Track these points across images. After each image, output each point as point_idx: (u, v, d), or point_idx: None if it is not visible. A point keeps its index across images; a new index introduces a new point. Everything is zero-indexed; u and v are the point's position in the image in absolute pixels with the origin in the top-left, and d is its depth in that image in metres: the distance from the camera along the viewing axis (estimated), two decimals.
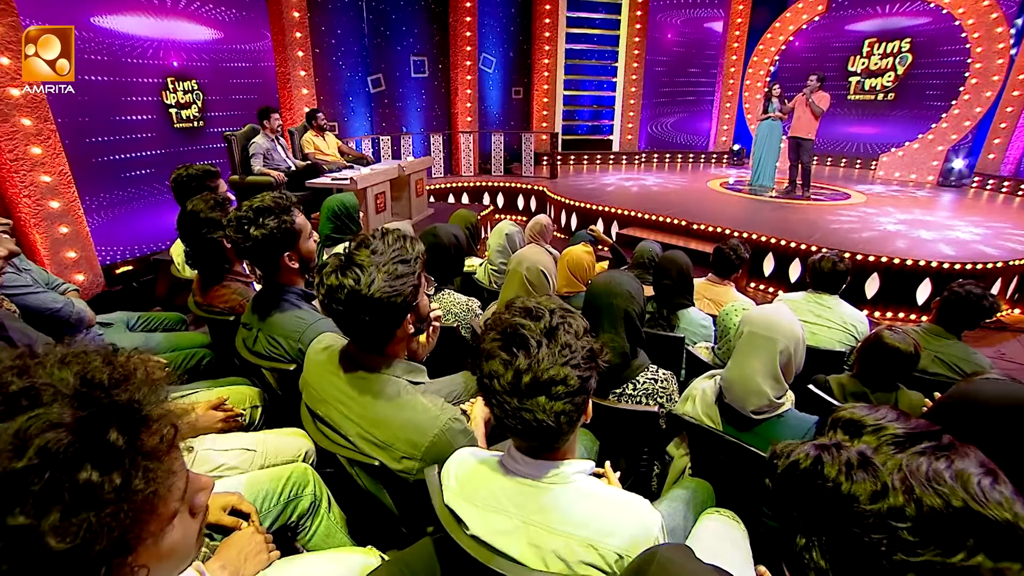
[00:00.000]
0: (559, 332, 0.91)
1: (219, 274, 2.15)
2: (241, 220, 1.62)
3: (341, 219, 2.95)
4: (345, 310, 1.14)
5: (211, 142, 5.99)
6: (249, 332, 1.75)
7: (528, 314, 0.93)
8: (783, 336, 1.47)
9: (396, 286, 1.15)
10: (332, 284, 1.14)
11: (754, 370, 1.47)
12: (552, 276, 2.00)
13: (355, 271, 1.13)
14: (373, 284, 1.12)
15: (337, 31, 7.60)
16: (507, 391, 0.87)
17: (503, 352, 0.89)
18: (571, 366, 0.88)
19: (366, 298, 1.12)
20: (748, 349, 1.50)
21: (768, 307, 1.55)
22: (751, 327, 1.50)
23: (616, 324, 1.69)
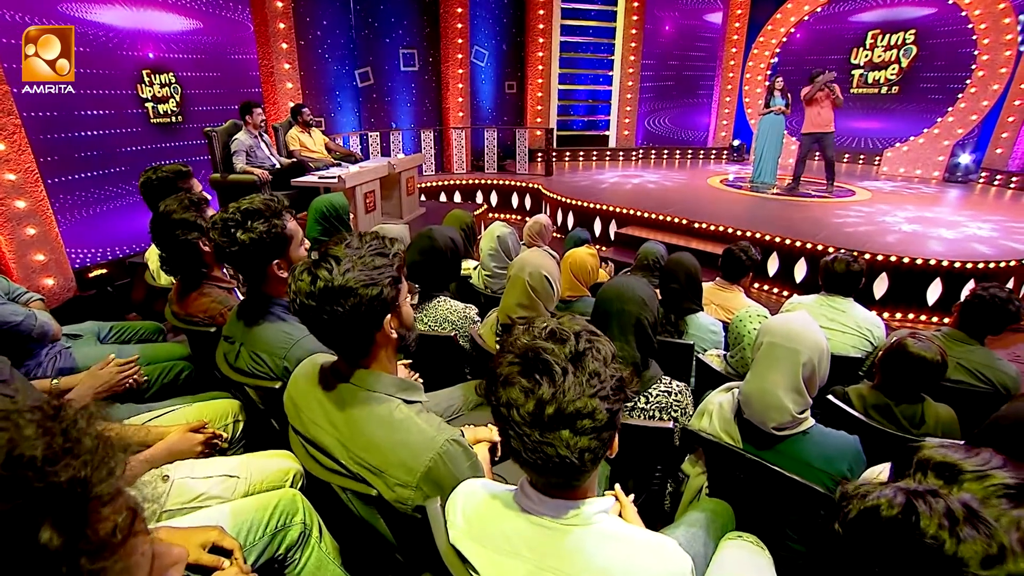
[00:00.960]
0: (587, 358, 0.80)
1: (196, 280, 1.98)
2: (227, 222, 1.47)
3: (330, 221, 2.74)
4: (318, 307, 1.02)
5: (191, 138, 5.72)
6: (231, 346, 1.60)
7: (552, 336, 0.82)
8: (806, 347, 1.31)
9: (373, 276, 1.04)
10: (304, 280, 1.04)
11: (775, 384, 1.31)
12: (556, 281, 1.80)
13: (329, 262, 1.04)
14: (348, 274, 1.02)
15: (323, 22, 7.33)
16: (527, 422, 0.77)
17: (523, 378, 0.79)
18: (600, 397, 0.78)
19: (340, 288, 1.01)
20: (768, 361, 1.33)
21: (788, 316, 1.37)
22: (770, 338, 1.34)
23: (627, 332, 1.51)
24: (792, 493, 1.25)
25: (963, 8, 8.23)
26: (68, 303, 4.29)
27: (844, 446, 1.29)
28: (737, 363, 1.91)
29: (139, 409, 1.69)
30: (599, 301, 1.54)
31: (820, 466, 1.24)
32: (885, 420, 1.62)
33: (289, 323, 1.53)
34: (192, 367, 2.13)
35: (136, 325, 2.51)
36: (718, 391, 1.50)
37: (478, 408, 1.83)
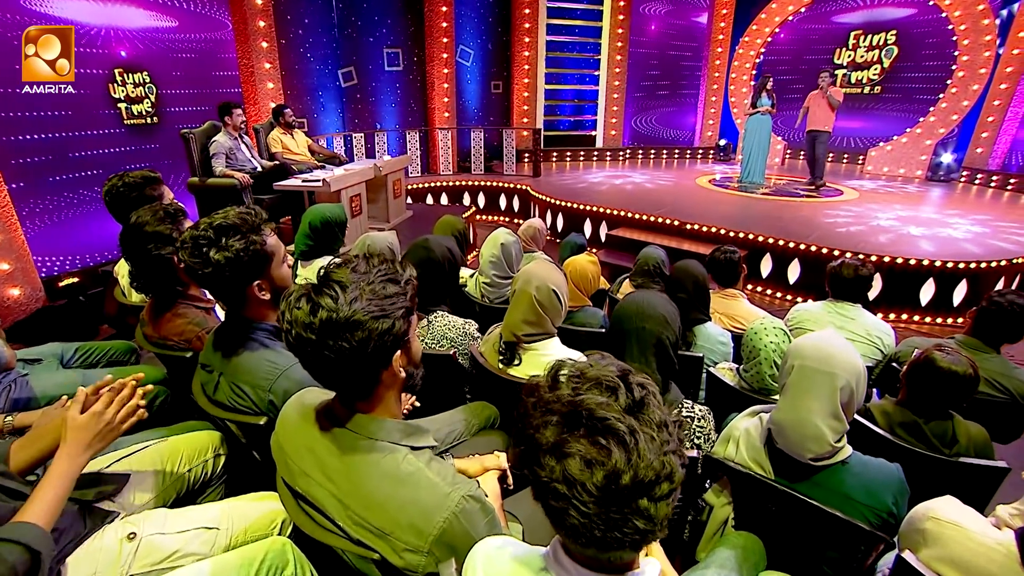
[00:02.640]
0: (648, 408, 0.69)
1: (171, 299, 1.79)
2: (198, 240, 1.30)
3: (322, 236, 2.57)
4: (319, 342, 0.87)
5: (167, 140, 5.50)
6: (209, 376, 1.44)
7: (598, 386, 0.69)
8: (843, 370, 1.21)
9: (384, 306, 0.90)
10: (303, 310, 0.88)
11: (811, 411, 1.21)
12: (564, 295, 1.68)
13: (332, 289, 0.89)
14: (355, 303, 0.87)
15: (304, 20, 7.12)
16: (596, 499, 0.64)
17: (582, 445, 0.65)
18: (674, 453, 0.67)
19: (346, 322, 0.86)
20: (802, 387, 1.23)
21: (820, 336, 1.27)
22: (803, 360, 1.24)
23: (646, 352, 1.41)
24: (830, 528, 1.15)
25: (943, 9, 8.33)
26: (36, 314, 4.06)
27: (887, 476, 1.19)
28: (752, 378, 1.82)
29: None
30: (617, 318, 1.43)
31: (862, 499, 1.15)
32: (914, 439, 1.54)
33: (274, 350, 1.38)
34: (168, 392, 1.93)
35: (105, 346, 2.29)
36: (743, 416, 1.40)
37: (482, 433, 1.71)
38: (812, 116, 7.10)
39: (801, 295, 5.14)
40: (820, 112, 6.98)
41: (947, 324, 4.72)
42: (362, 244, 2.25)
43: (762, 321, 1.83)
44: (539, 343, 1.68)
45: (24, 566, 0.91)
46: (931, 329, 4.64)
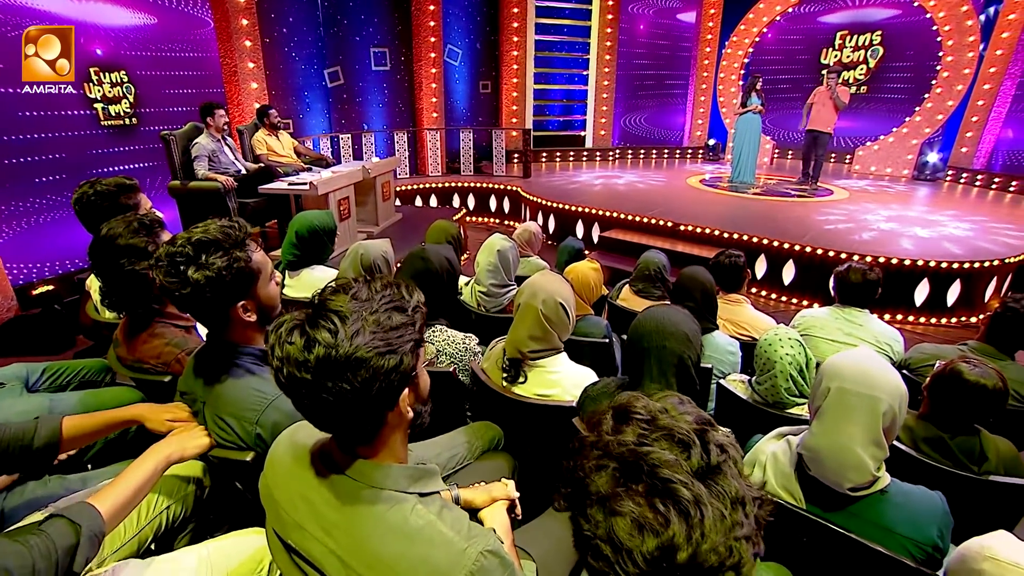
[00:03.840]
0: (725, 475, 0.59)
1: (147, 317, 1.65)
2: (175, 258, 1.17)
3: (309, 245, 2.44)
4: (315, 382, 0.75)
5: (146, 142, 5.32)
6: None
7: (669, 437, 0.60)
8: (887, 393, 1.12)
9: (391, 340, 0.78)
10: (295, 345, 0.76)
11: (851, 438, 1.12)
12: (572, 308, 1.60)
13: (330, 321, 0.76)
14: (357, 338, 0.75)
15: (289, 19, 6.96)
16: (643, 570, 0.55)
17: (635, 504, 0.56)
18: (746, 539, 0.57)
19: (347, 360, 0.74)
20: (841, 411, 1.14)
21: (858, 356, 1.19)
22: (841, 383, 1.15)
23: (667, 372, 1.32)
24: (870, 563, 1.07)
25: (928, 10, 8.40)
26: (8, 324, 3.88)
27: (931, 507, 1.11)
28: (766, 391, 1.75)
29: (69, 484, 1.37)
30: (636, 335, 1.33)
31: (905, 532, 1.07)
32: (940, 455, 1.48)
33: (260, 377, 1.26)
34: None
35: (76, 365, 2.10)
36: (769, 438, 1.31)
37: (485, 456, 1.61)
38: (816, 116, 7.03)
39: (796, 296, 5.12)
40: (824, 112, 6.94)
41: (941, 324, 4.73)
42: (354, 253, 2.14)
43: (776, 332, 1.76)
44: (546, 360, 1.59)
45: (66, 540, 0.90)
46: (925, 330, 4.64)
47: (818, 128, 7.06)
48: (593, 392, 1.44)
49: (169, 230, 1.67)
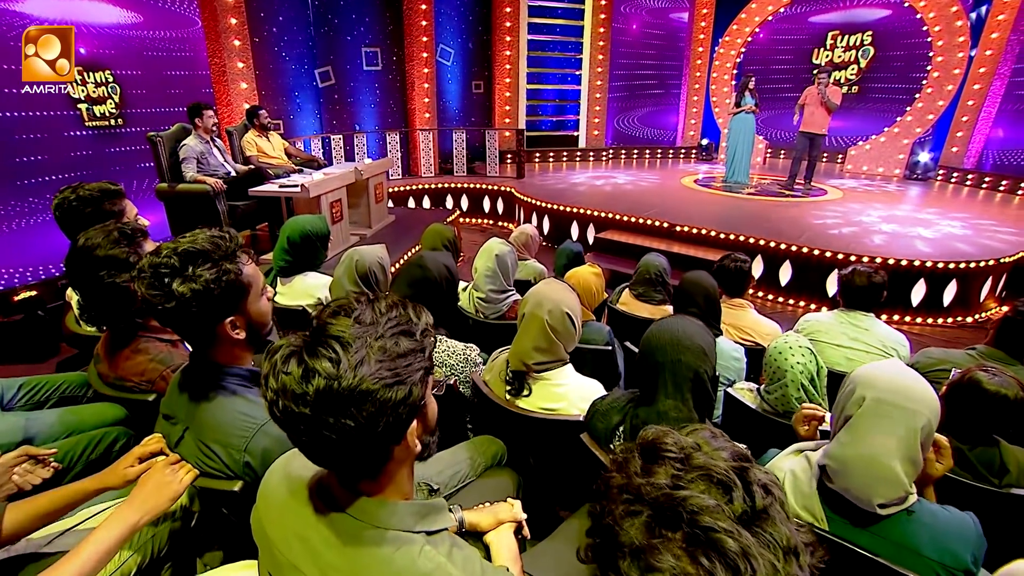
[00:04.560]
0: (773, 520, 0.53)
1: (129, 332, 1.55)
2: (159, 269, 1.08)
3: (302, 251, 2.36)
4: (315, 418, 0.67)
5: (133, 144, 5.20)
6: (172, 428, 1.21)
7: (706, 477, 0.54)
8: (925, 407, 1.07)
9: (399, 369, 0.70)
10: (292, 375, 0.67)
11: (886, 450, 1.06)
12: (578, 318, 1.54)
13: (331, 348, 0.68)
14: (362, 368, 0.67)
15: (279, 18, 6.85)
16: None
17: (674, 554, 0.50)
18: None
19: (350, 393, 0.66)
20: (876, 422, 1.08)
21: (893, 367, 1.14)
22: (877, 393, 1.09)
23: (682, 387, 1.26)
24: None
25: (918, 11, 8.44)
26: None
27: (962, 528, 1.06)
28: (776, 400, 1.70)
29: None
30: (648, 349, 1.27)
31: (934, 555, 1.02)
32: (958, 467, 1.44)
33: (248, 399, 1.18)
34: (130, 434, 1.66)
35: (56, 379, 1.96)
36: (786, 454, 1.26)
37: (489, 472, 1.55)
38: (809, 117, 6.94)
39: (793, 297, 5.10)
40: (817, 113, 6.86)
41: (937, 325, 4.73)
42: (349, 260, 2.07)
43: (786, 340, 1.71)
44: (551, 372, 1.53)
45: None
46: (922, 330, 4.64)
47: (812, 131, 6.98)
48: (602, 407, 1.38)
49: (156, 234, 1.58)
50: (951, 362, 2.09)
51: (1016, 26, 7.70)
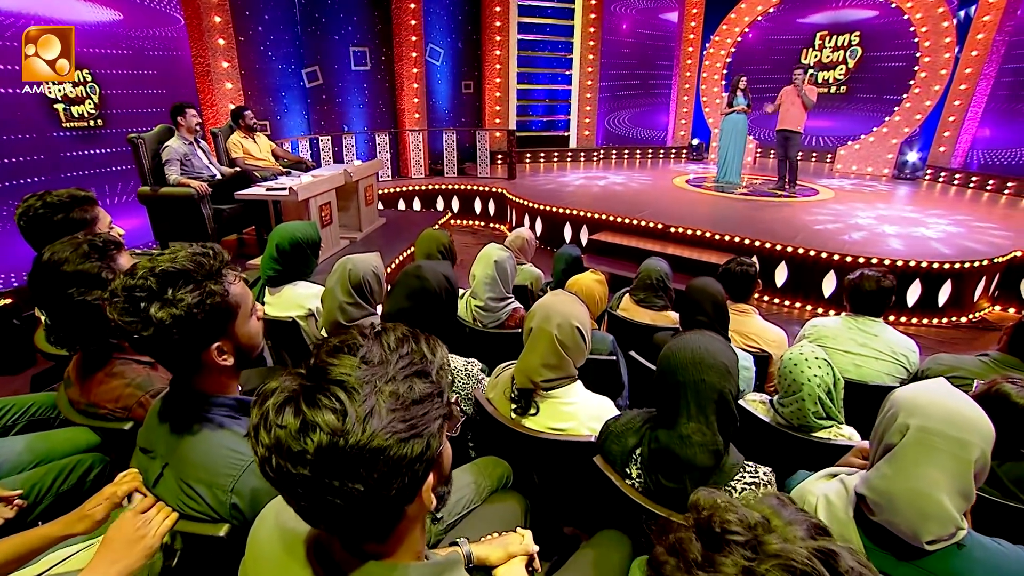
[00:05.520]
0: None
1: (103, 354, 1.41)
2: (134, 293, 0.95)
3: (291, 260, 2.24)
4: (316, 480, 0.56)
5: (113, 145, 5.05)
6: (150, 463, 1.08)
7: (785, 568, 0.46)
8: (979, 438, 0.98)
9: (415, 420, 0.60)
10: (287, 428, 0.57)
11: (935, 485, 0.97)
12: (588, 332, 1.45)
13: (334, 396, 0.57)
14: (372, 420, 0.57)
15: (264, 16, 6.70)
16: None
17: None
18: None
19: (359, 452, 0.56)
20: (923, 454, 0.99)
21: (941, 390, 1.05)
22: (925, 421, 0.99)
23: (706, 409, 1.18)
24: None
25: (905, 11, 8.49)
26: None
27: (1017, 565, 0.98)
28: (792, 414, 1.63)
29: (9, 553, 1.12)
30: (668, 367, 1.19)
31: None
32: (986, 484, 1.38)
33: (235, 432, 1.06)
34: (108, 460, 1.51)
35: (24, 401, 1.79)
36: (818, 478, 1.19)
37: (494, 496, 1.45)
38: (784, 114, 6.95)
39: (789, 298, 5.08)
40: (793, 110, 6.87)
41: (932, 325, 4.72)
42: (342, 269, 1.97)
43: (801, 351, 1.64)
44: (560, 389, 1.45)
45: None
46: (917, 330, 4.63)
47: (788, 127, 6.97)
48: (616, 428, 1.30)
49: (139, 238, 1.45)
50: (963, 369, 2.04)
51: (1001, 27, 7.77)
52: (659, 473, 1.17)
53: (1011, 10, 7.68)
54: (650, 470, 1.20)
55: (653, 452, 1.19)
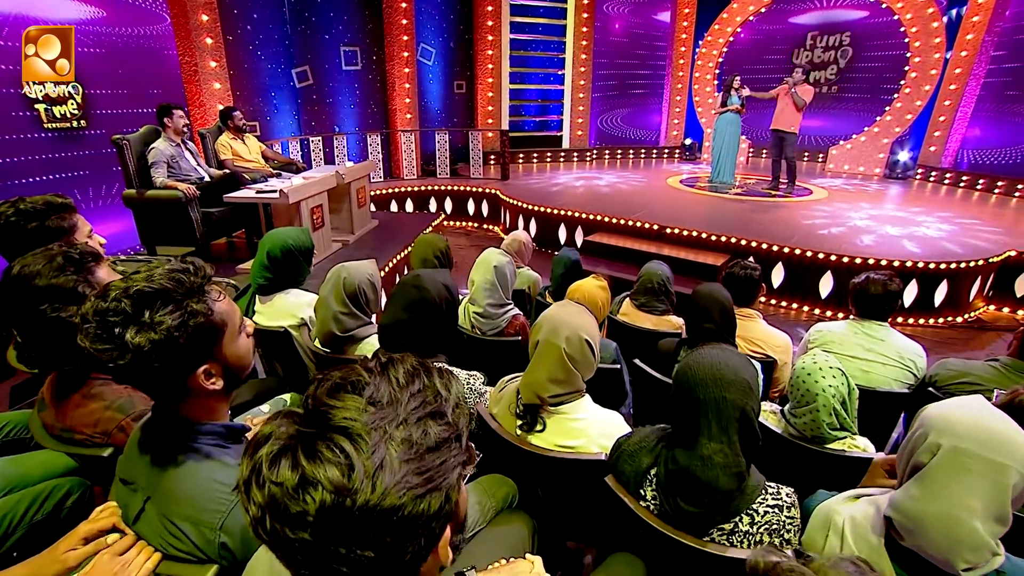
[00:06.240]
0: None
1: (80, 375, 1.30)
2: (107, 317, 0.85)
3: (283, 268, 2.15)
4: (318, 545, 0.49)
5: (97, 147, 4.92)
6: (131, 496, 0.98)
7: None
8: (1017, 461, 0.91)
9: (431, 471, 0.52)
10: (283, 485, 0.48)
11: (969, 510, 0.92)
12: (597, 344, 1.39)
13: (337, 449, 0.49)
14: (383, 474, 0.49)
15: (253, 15, 6.58)
16: None
17: None
18: None
19: (368, 514, 0.48)
20: (956, 476, 0.93)
21: (975, 408, 0.98)
22: (958, 442, 0.93)
23: (728, 429, 1.11)
24: None
25: (895, 12, 8.52)
26: None
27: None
28: (805, 425, 1.58)
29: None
30: (688, 384, 1.12)
31: None
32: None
33: (224, 463, 0.97)
34: (87, 485, 1.40)
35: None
36: (842, 499, 1.13)
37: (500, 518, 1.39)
38: (779, 114, 6.92)
39: (785, 299, 5.05)
40: (787, 110, 6.84)
41: (928, 325, 4.72)
42: (336, 277, 1.89)
43: (815, 360, 1.59)
44: (568, 405, 1.39)
45: None
46: (913, 331, 4.62)
47: (781, 128, 6.94)
48: (629, 447, 1.24)
49: (125, 242, 1.34)
50: (974, 375, 2.01)
51: (990, 27, 7.83)
52: (677, 496, 1.12)
53: (999, 11, 7.74)
54: (667, 492, 1.14)
55: (671, 473, 1.13)
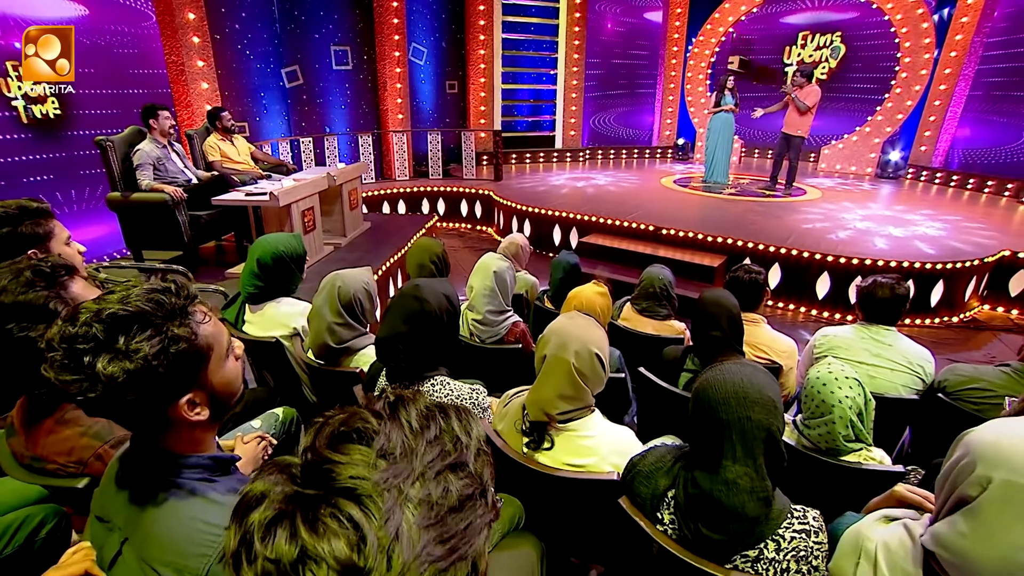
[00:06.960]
0: None
1: (52, 399, 1.20)
2: (75, 344, 0.75)
3: (274, 275, 2.06)
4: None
5: (79, 148, 4.79)
6: (107, 535, 0.89)
7: None
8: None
9: (455, 538, 0.45)
10: (280, 562, 0.40)
11: None
12: (607, 358, 1.32)
13: (342, 516, 0.41)
14: (400, 545, 0.41)
15: (241, 14, 6.45)
16: None
17: None
18: None
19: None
20: (1011, 513, 0.84)
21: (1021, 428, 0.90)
22: (1010, 475, 0.83)
23: (753, 450, 1.05)
24: None
25: (885, 12, 8.56)
26: None
27: None
28: (820, 437, 1.53)
29: None
30: (709, 404, 1.05)
31: None
32: None
33: (210, 499, 0.87)
34: (63, 512, 1.28)
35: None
36: (872, 521, 1.07)
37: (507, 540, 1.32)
38: (788, 118, 6.98)
39: (783, 300, 5.03)
40: (792, 115, 6.88)
41: (925, 326, 4.71)
42: (330, 286, 1.81)
43: (830, 370, 1.54)
44: (577, 421, 1.32)
45: None
46: (910, 331, 4.61)
47: (787, 132, 7.00)
48: (644, 467, 1.18)
49: (110, 246, 1.23)
50: (985, 381, 1.97)
51: (979, 28, 7.87)
52: (699, 522, 1.05)
53: (988, 12, 7.79)
54: (688, 517, 1.07)
55: (691, 498, 1.07)
